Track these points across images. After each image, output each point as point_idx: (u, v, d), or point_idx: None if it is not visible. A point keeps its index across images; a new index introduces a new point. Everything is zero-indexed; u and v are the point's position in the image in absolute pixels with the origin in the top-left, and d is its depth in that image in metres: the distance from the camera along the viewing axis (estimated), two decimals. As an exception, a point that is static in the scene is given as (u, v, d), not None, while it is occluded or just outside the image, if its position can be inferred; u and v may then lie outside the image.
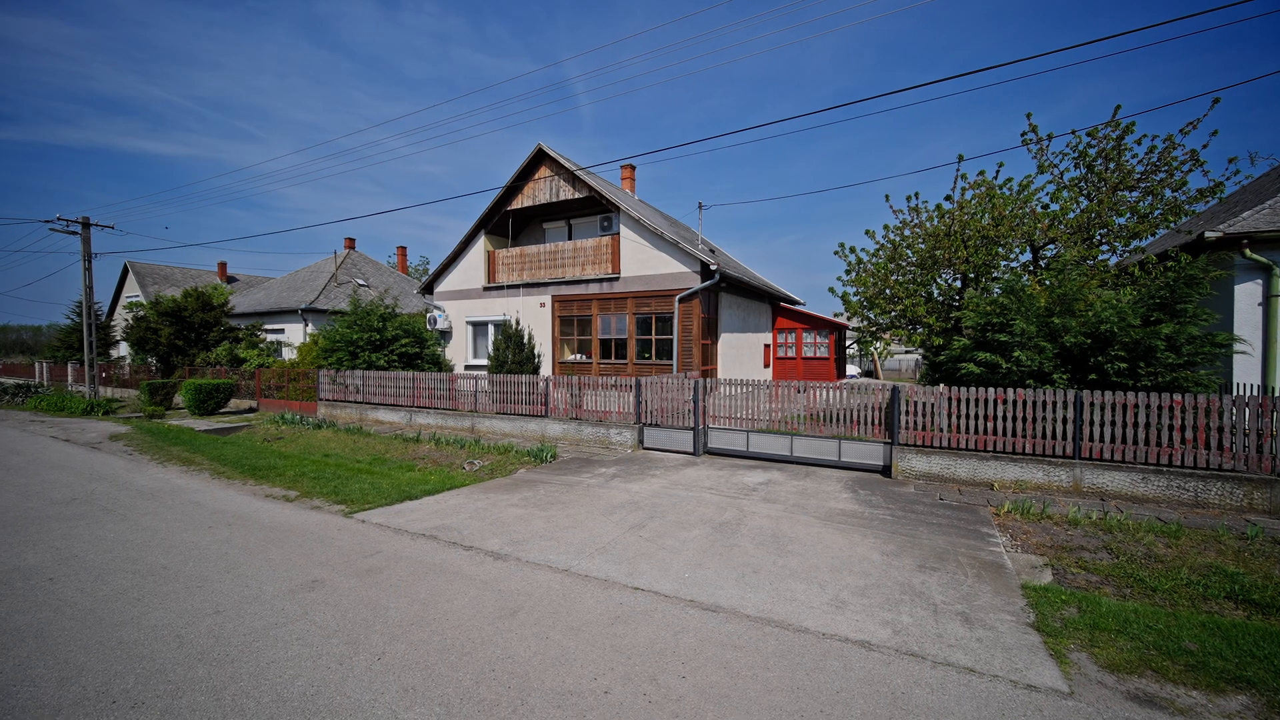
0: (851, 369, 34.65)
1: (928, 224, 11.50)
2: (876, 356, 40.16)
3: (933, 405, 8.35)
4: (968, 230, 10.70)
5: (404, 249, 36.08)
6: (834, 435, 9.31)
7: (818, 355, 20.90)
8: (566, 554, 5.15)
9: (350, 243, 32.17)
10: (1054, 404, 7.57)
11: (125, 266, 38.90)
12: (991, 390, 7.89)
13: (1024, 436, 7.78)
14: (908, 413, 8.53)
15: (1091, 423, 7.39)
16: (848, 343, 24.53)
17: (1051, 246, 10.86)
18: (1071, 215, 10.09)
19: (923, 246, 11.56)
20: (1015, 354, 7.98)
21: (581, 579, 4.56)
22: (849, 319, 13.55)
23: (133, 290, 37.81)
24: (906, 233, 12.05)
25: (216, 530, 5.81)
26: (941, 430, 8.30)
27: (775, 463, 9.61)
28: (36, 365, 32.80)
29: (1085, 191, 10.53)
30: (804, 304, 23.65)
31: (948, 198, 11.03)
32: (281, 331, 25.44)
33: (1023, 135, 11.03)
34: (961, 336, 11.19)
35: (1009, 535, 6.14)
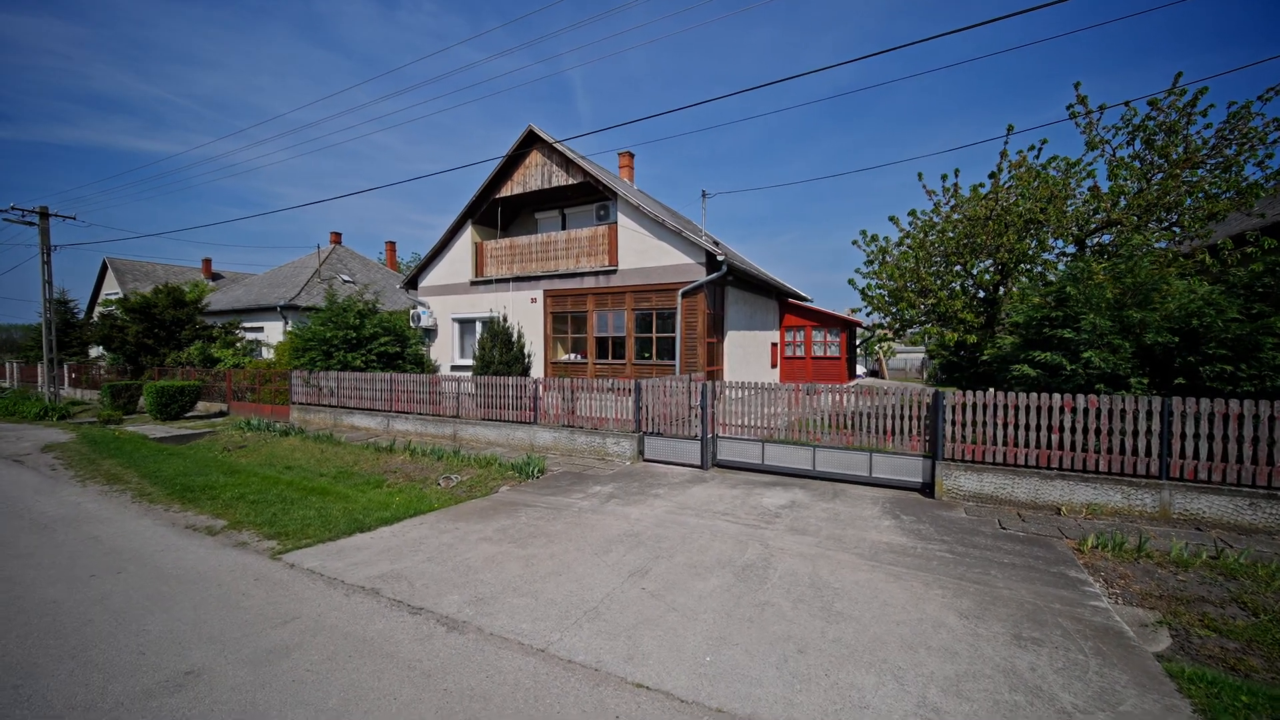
0: (857, 369, 33.40)
1: (963, 207, 10.26)
2: (883, 356, 38.96)
3: (984, 413, 7.10)
4: (1010, 214, 9.46)
5: (393, 244, 34.68)
6: (864, 447, 8.07)
7: (828, 355, 19.66)
8: (545, 620, 3.88)
9: (336, 237, 30.80)
10: (1135, 413, 6.33)
11: (104, 263, 37.48)
12: (1057, 396, 6.64)
13: (1097, 452, 6.54)
14: (954, 422, 7.28)
15: (1183, 436, 6.15)
16: (857, 341, 23.33)
17: (1100, 233, 9.63)
18: (1131, 194, 8.86)
19: (951, 236, 10.31)
20: (1085, 354, 6.74)
21: (563, 666, 3.30)
22: (868, 315, 12.30)
23: (112, 287, 36.34)
24: (937, 219, 10.81)
25: (98, 581, 4.53)
26: (995, 443, 7.06)
27: (795, 478, 8.36)
28: (6, 365, 31.36)
29: (1143, 171, 9.30)
30: (812, 300, 22.41)
31: (991, 175, 9.78)
32: (261, 330, 24.09)
33: (1069, 108, 9.80)
34: (1001, 334, 9.96)
35: (1103, 580, 4.90)
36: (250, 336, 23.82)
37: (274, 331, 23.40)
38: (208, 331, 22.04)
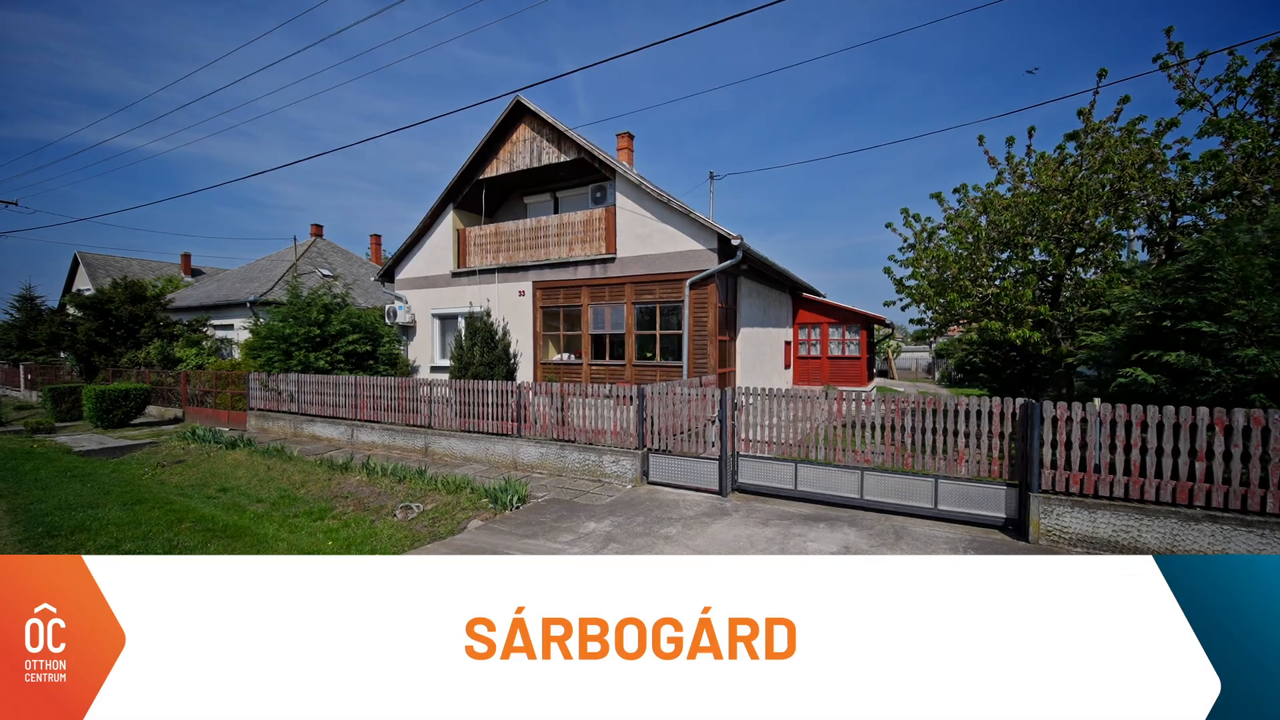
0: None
1: (1032, 178, 8.60)
2: (891, 355, 37.41)
3: (1096, 431, 5.43)
4: (1093, 183, 7.79)
5: (378, 237, 32.83)
6: (921, 471, 6.39)
7: (846, 354, 17.98)
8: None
9: (317, 230, 28.98)
10: (1321, 435, 4.67)
11: (75, 258, 35.69)
12: (1204, 411, 4.97)
13: (1263, 486, 4.88)
14: (1055, 442, 5.61)
15: (1394, 467, 4.50)
16: (875, 340, 21.68)
17: (1210, 203, 7.97)
18: (1256, 156, 7.19)
19: (1018, 212, 8.64)
20: (1244, 352, 5.06)
21: None
22: (904, 308, 10.63)
23: (84, 283, 34.58)
24: (990, 197, 9.14)
25: None
26: (1113, 471, 5.39)
27: (839, 508, 6.68)
28: (-37, 366, 29.44)
29: (1263, 131, 7.63)
30: (825, 295, 20.73)
31: (1071, 136, 8.10)
32: (230, 328, 22.31)
33: (1157, 59, 8.13)
34: (1083, 330, 8.29)
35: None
36: (220, 334, 22.05)
37: (245, 329, 21.64)
38: (170, 329, 20.27)
